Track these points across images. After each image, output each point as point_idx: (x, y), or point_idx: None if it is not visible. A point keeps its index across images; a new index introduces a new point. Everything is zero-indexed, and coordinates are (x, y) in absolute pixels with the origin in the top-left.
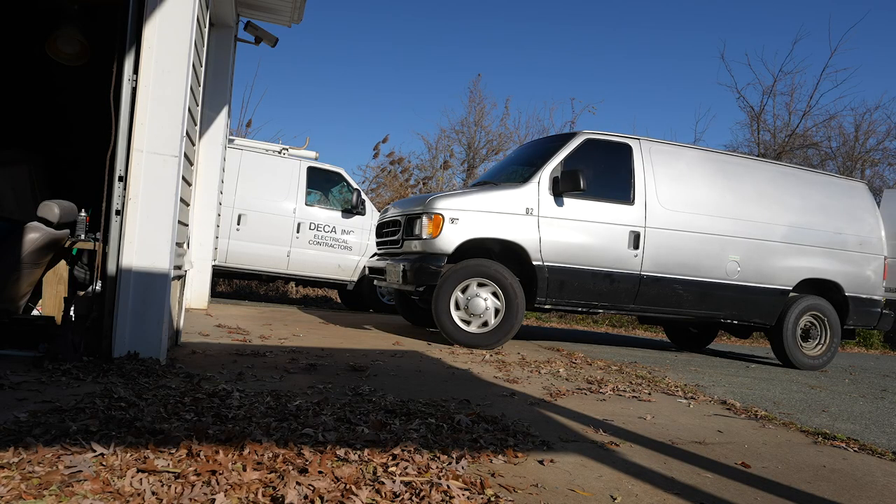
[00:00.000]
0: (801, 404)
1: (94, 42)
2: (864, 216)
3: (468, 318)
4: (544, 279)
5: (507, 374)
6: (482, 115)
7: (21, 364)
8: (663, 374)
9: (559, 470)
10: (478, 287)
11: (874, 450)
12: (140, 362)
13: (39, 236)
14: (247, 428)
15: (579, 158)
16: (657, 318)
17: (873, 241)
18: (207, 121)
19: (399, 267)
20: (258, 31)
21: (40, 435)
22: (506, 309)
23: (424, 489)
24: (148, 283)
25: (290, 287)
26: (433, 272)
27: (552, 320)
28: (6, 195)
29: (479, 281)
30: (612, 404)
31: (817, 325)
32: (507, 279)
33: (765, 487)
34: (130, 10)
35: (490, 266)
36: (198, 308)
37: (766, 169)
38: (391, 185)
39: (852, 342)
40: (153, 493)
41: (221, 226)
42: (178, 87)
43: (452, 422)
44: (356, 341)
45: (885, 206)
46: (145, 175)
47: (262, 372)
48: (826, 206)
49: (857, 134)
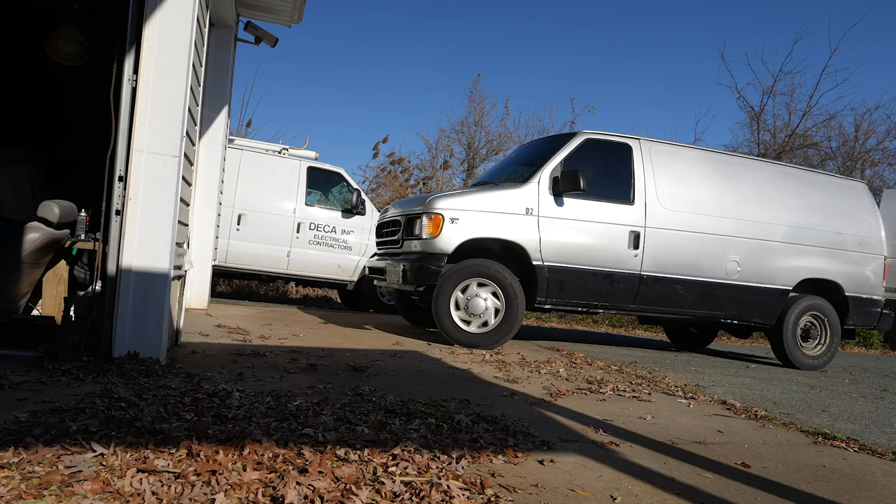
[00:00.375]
0: (801, 404)
1: (94, 42)
2: (864, 216)
3: (468, 318)
4: (544, 279)
5: (507, 374)
6: (482, 115)
7: (21, 364)
8: (663, 374)
9: (559, 470)
10: (478, 287)
11: (874, 450)
12: (140, 362)
13: (39, 236)
14: (247, 428)
15: (579, 158)
16: (657, 318)
17: (873, 241)
18: (207, 121)
19: (399, 267)
20: (258, 31)
21: (40, 435)
22: (506, 309)
23: (424, 489)
24: (148, 283)
25: (290, 287)
26: (433, 272)
27: (552, 320)
28: (6, 195)
29: (479, 281)
30: (612, 404)
31: (817, 325)
32: (507, 279)
33: (765, 487)
34: (130, 10)
35: (490, 266)
36: (198, 308)
37: (766, 169)
38: (391, 185)
39: (852, 342)
40: (153, 493)
41: (221, 226)
42: (178, 87)
43: (452, 422)
44: (356, 341)
45: (885, 206)
46: (145, 175)
47: (262, 372)
48: (826, 206)
49: (857, 134)
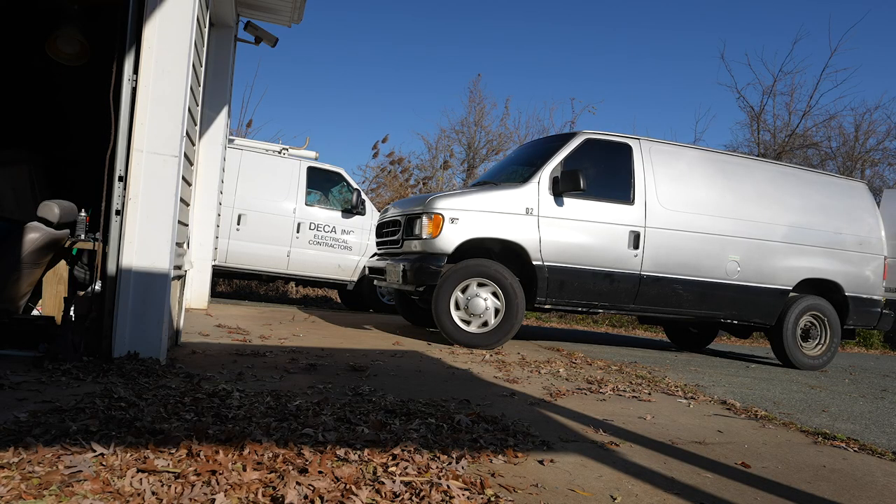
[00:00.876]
0: (801, 404)
1: (94, 42)
2: (865, 216)
3: (468, 318)
4: (544, 279)
5: (507, 374)
6: (482, 115)
7: (21, 364)
8: (663, 374)
9: (559, 470)
10: (478, 287)
11: (874, 450)
12: (140, 362)
13: (39, 236)
14: (247, 428)
15: (579, 158)
16: (657, 318)
17: (873, 241)
18: (207, 121)
19: (399, 267)
20: (258, 31)
21: (40, 435)
22: (505, 309)
23: (424, 489)
24: (148, 283)
25: (290, 287)
26: (433, 272)
27: (552, 320)
28: (6, 195)
29: (479, 281)
30: (612, 404)
31: (817, 325)
32: (506, 279)
33: (765, 487)
34: (130, 10)
35: (490, 266)
36: (198, 308)
37: (766, 169)
38: (391, 185)
39: (852, 342)
40: (153, 493)
41: (221, 226)
42: (178, 87)
43: (452, 422)
44: (356, 341)
45: (885, 206)
46: (145, 175)
47: (262, 372)
48: (826, 206)
49: (857, 134)
